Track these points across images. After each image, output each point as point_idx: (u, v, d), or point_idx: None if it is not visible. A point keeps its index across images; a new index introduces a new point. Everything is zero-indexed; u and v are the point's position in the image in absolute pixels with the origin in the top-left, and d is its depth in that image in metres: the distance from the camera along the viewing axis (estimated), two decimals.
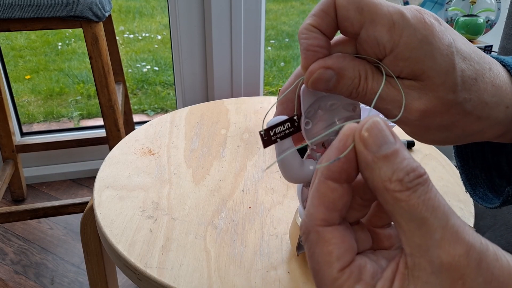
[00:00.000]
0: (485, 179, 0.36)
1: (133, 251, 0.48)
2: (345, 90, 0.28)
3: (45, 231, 1.28)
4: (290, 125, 0.31)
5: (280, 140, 0.31)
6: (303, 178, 0.33)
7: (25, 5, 0.87)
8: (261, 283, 0.44)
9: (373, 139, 0.21)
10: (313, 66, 0.26)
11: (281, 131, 0.31)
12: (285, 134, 0.31)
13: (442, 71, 0.26)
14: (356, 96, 0.28)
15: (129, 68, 2.66)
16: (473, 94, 0.27)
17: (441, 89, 0.26)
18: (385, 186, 0.20)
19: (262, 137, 0.31)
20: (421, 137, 0.30)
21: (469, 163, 0.36)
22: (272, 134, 0.31)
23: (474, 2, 1.27)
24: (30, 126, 2.01)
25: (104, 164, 0.64)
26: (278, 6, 3.76)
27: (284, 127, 0.31)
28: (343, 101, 0.31)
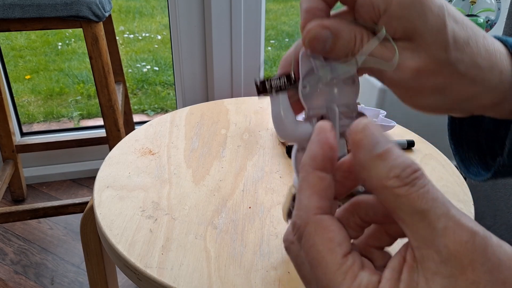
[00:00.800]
0: (478, 160, 0.36)
1: (133, 251, 0.48)
2: (341, 53, 0.29)
3: (45, 231, 1.28)
4: (286, 81, 0.32)
5: (275, 93, 0.32)
6: (296, 135, 0.33)
7: (25, 5, 0.87)
8: (261, 283, 0.44)
9: (365, 140, 0.22)
10: (311, 24, 0.28)
11: (276, 84, 0.32)
12: (280, 88, 0.32)
13: (433, 29, 0.27)
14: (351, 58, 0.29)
15: (129, 68, 2.66)
16: (465, 56, 0.28)
17: (433, 47, 0.27)
18: (383, 184, 0.21)
19: (257, 86, 0.32)
20: (415, 102, 0.30)
21: (463, 146, 0.36)
22: (268, 86, 0.32)
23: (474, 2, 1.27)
24: (30, 126, 2.01)
25: (104, 164, 0.64)
26: (278, 6, 3.76)
27: (280, 81, 0.32)
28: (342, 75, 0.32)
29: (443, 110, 0.30)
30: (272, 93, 0.32)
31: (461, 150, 0.36)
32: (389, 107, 1.30)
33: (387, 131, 0.74)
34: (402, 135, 0.74)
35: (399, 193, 0.21)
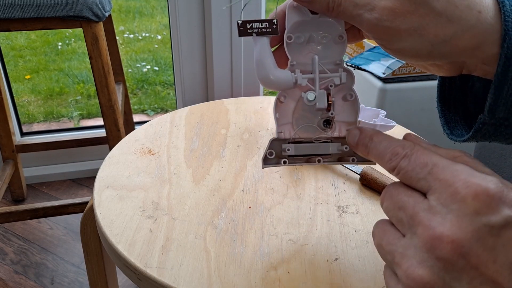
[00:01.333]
0: (464, 124, 0.36)
1: (133, 251, 0.48)
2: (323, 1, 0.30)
3: (45, 231, 1.28)
4: (268, 26, 0.33)
5: (256, 36, 0.33)
6: (274, 79, 0.34)
7: (25, 5, 0.87)
8: (261, 283, 0.44)
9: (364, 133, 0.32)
10: None
11: (258, 27, 0.33)
12: (262, 31, 0.33)
13: None
14: (333, 6, 0.30)
15: (129, 68, 2.66)
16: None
17: None
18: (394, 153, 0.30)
19: (238, 26, 0.33)
20: (393, 45, 0.30)
21: (450, 109, 0.36)
22: (249, 27, 0.33)
23: None
24: (30, 126, 2.01)
25: (104, 164, 0.64)
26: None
27: (262, 25, 0.33)
28: (333, 33, 0.33)
29: (423, 56, 0.30)
30: (253, 35, 0.33)
31: (448, 112, 0.36)
32: (389, 107, 1.30)
33: (387, 131, 0.74)
34: (402, 135, 0.74)
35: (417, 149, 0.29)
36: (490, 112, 0.30)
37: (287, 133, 0.37)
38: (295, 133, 0.36)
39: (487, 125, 0.31)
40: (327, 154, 0.37)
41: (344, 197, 0.58)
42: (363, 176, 0.59)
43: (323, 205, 0.56)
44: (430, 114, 1.35)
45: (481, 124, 0.31)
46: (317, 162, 0.37)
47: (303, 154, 0.37)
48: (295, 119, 0.36)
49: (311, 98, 0.33)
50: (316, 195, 0.58)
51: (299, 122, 0.36)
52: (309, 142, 0.37)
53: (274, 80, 0.34)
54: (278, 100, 0.36)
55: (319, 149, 0.37)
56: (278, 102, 0.36)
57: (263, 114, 0.81)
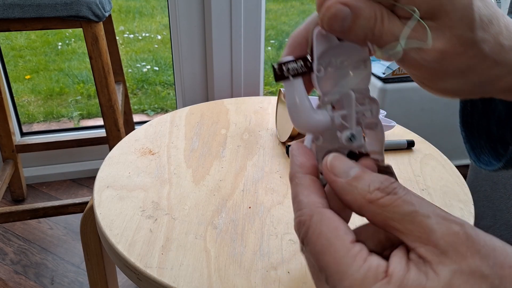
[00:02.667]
0: (489, 148, 0.35)
1: (133, 251, 0.48)
2: (360, 32, 0.27)
3: (45, 231, 1.28)
4: (303, 65, 0.29)
5: (292, 78, 0.29)
6: (312, 124, 0.30)
7: (25, 5, 0.87)
8: (261, 283, 0.44)
9: (339, 168, 0.24)
10: (330, 1, 0.26)
11: (294, 68, 0.29)
12: (298, 72, 0.29)
13: (459, 6, 0.26)
14: (372, 38, 0.27)
15: (129, 68, 2.66)
16: (489, 35, 0.27)
17: (459, 26, 0.26)
18: (368, 199, 0.23)
19: (274, 70, 0.29)
20: (436, 84, 0.29)
21: (474, 134, 0.36)
22: (285, 70, 0.29)
23: None
24: (30, 126, 2.01)
25: (104, 164, 0.64)
26: (278, 6, 3.76)
27: (297, 65, 0.29)
28: (354, 58, 0.30)
29: (464, 94, 0.29)
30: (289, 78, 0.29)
31: (472, 138, 0.36)
32: (389, 107, 1.30)
33: (387, 131, 0.74)
34: (402, 135, 0.74)
35: (384, 203, 0.22)
36: None
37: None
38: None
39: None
40: None
41: None
42: None
43: None
44: (430, 114, 1.35)
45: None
46: None
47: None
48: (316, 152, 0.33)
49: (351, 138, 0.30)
50: None
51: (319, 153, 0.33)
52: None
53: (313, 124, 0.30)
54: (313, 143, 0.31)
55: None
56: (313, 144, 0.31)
57: (263, 114, 0.81)
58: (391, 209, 0.22)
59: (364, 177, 0.23)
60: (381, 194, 0.22)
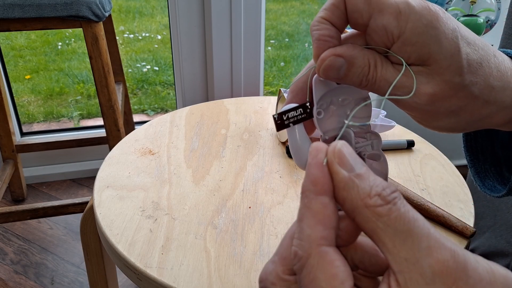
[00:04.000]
0: (494, 172, 0.36)
1: (133, 251, 0.48)
2: (355, 79, 0.29)
3: (45, 231, 1.28)
4: (303, 111, 0.32)
5: (293, 125, 0.32)
6: None
7: (25, 5, 0.87)
8: None
9: (345, 159, 0.22)
10: (325, 54, 0.28)
11: (293, 116, 0.32)
12: (298, 119, 0.32)
13: (448, 54, 0.27)
14: (366, 84, 0.29)
15: (129, 68, 2.66)
16: (479, 78, 0.28)
17: (448, 72, 0.27)
18: (365, 202, 0.21)
19: (275, 120, 0.32)
20: (430, 123, 0.30)
21: (478, 158, 0.37)
22: (285, 118, 0.32)
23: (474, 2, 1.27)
24: (30, 126, 2.01)
25: (104, 164, 0.64)
26: (278, 6, 3.76)
27: (297, 112, 0.32)
28: (354, 96, 0.32)
29: (459, 130, 0.31)
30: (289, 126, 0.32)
31: (477, 161, 0.37)
32: (389, 107, 1.30)
33: (387, 131, 0.74)
34: (402, 135, 0.74)
35: (380, 213, 0.20)
36: None
37: None
38: None
39: None
40: None
41: None
42: None
43: None
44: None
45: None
46: None
47: None
48: None
49: None
50: None
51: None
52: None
53: None
54: None
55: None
56: None
57: (263, 114, 0.81)
58: (386, 221, 0.20)
59: (368, 177, 0.21)
60: (380, 202, 0.21)
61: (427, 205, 0.54)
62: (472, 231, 0.52)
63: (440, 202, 0.58)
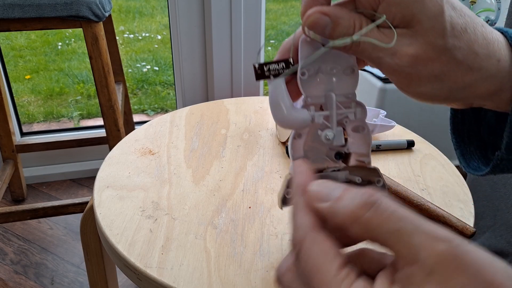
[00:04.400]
0: (480, 155, 0.36)
1: (133, 251, 0.48)
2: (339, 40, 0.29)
3: (45, 231, 1.28)
4: (285, 66, 0.32)
5: (273, 78, 0.32)
6: (291, 120, 0.33)
7: (25, 5, 0.87)
8: (261, 283, 0.44)
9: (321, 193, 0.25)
10: (311, 11, 0.28)
11: (274, 69, 0.32)
12: (279, 73, 0.32)
13: (431, 15, 0.27)
14: (351, 46, 0.29)
15: (129, 68, 2.66)
16: (462, 43, 0.28)
17: (430, 33, 0.27)
18: (353, 216, 0.22)
19: (255, 69, 0.32)
20: (412, 89, 0.30)
21: (464, 140, 0.37)
22: (266, 69, 0.32)
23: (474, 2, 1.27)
24: (30, 126, 2.01)
25: (104, 164, 0.64)
26: (278, 6, 3.76)
27: (279, 66, 0.32)
28: (342, 65, 0.32)
29: (440, 99, 0.30)
30: (270, 78, 0.32)
31: (463, 144, 0.36)
32: (389, 107, 1.30)
33: (387, 131, 0.74)
34: (402, 135, 0.74)
35: (367, 221, 0.22)
36: (507, 149, 0.31)
37: None
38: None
39: (505, 161, 0.31)
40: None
41: None
42: None
43: None
44: (429, 114, 1.35)
45: (499, 160, 0.32)
46: None
47: None
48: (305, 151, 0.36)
49: (331, 137, 0.33)
50: None
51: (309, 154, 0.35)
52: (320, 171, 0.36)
53: (292, 121, 0.33)
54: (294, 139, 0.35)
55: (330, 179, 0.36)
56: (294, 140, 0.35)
57: (263, 114, 0.81)
58: (376, 226, 0.22)
59: (345, 196, 0.23)
60: (362, 211, 0.22)
61: (427, 205, 0.54)
62: (472, 231, 0.52)
63: (440, 202, 0.58)
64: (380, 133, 0.74)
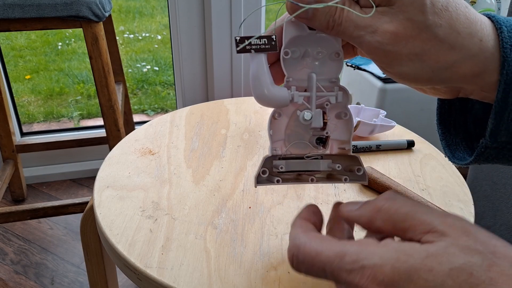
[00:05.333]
0: (465, 146, 0.36)
1: (133, 251, 0.48)
2: (323, 19, 0.30)
3: (45, 231, 1.28)
4: (267, 42, 0.33)
5: (254, 52, 0.32)
6: (270, 97, 0.33)
7: (25, 5, 0.87)
8: (261, 283, 0.44)
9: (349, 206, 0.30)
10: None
11: (256, 43, 0.33)
12: (260, 48, 0.33)
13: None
14: (333, 26, 0.30)
15: (129, 68, 2.66)
16: (443, 20, 0.28)
17: (410, 9, 0.28)
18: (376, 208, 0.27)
19: (236, 42, 0.33)
20: (394, 69, 0.30)
21: (450, 131, 0.36)
22: (247, 43, 0.32)
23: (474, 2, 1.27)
24: (30, 126, 2.01)
25: (104, 164, 0.64)
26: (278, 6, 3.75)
27: (261, 41, 0.33)
28: (328, 49, 0.33)
29: (423, 80, 0.30)
30: (251, 52, 0.32)
31: (449, 135, 0.36)
32: (389, 107, 1.30)
33: (387, 131, 0.74)
34: (402, 135, 0.74)
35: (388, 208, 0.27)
36: (491, 137, 0.30)
37: (279, 149, 0.36)
38: (287, 150, 0.36)
39: (489, 149, 0.31)
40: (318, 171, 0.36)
41: (344, 197, 0.58)
42: None
43: (323, 205, 0.56)
44: (429, 114, 1.35)
45: (483, 148, 0.31)
46: (310, 181, 0.36)
47: (294, 170, 0.36)
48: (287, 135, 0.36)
49: (308, 118, 0.33)
50: (316, 195, 0.58)
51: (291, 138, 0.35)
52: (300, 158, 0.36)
53: (271, 98, 0.33)
54: (272, 117, 0.35)
55: (310, 165, 0.36)
56: (273, 119, 0.35)
57: (263, 114, 0.81)
58: (395, 211, 0.26)
59: (369, 201, 0.28)
60: (383, 203, 0.27)
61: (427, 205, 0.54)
62: None
63: (440, 202, 0.58)
64: (380, 133, 0.74)
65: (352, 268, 0.24)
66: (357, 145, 0.68)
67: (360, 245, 0.25)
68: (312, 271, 0.27)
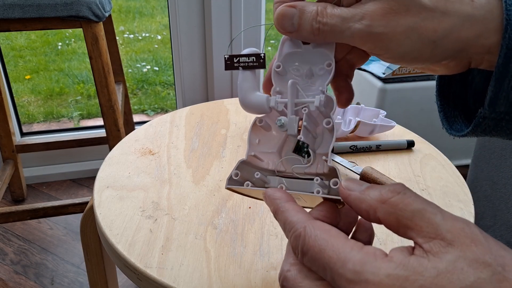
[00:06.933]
0: (464, 119, 0.35)
1: (133, 251, 0.48)
2: (308, 25, 0.30)
3: (45, 231, 1.28)
4: (255, 60, 0.35)
5: (242, 69, 0.35)
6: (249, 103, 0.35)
7: (25, 5, 0.87)
8: (261, 283, 0.44)
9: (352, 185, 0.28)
10: (280, 7, 0.31)
11: (244, 61, 0.35)
12: (248, 65, 0.35)
13: None
14: (318, 27, 0.30)
15: (129, 68, 2.66)
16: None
17: None
18: (381, 199, 0.26)
19: (225, 60, 0.35)
20: (393, 51, 0.29)
21: (449, 104, 0.35)
22: (236, 61, 0.34)
23: None
24: (30, 126, 2.01)
25: (104, 164, 0.64)
26: None
27: (249, 59, 0.35)
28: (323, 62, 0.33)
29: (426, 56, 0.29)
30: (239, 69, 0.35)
31: (447, 107, 0.35)
32: (389, 107, 1.30)
33: (387, 131, 0.74)
34: (402, 135, 0.74)
35: (395, 202, 0.25)
36: (490, 106, 0.29)
37: (271, 163, 0.35)
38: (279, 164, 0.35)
39: (488, 119, 0.30)
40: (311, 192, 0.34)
41: None
42: (363, 176, 0.59)
43: None
44: (430, 114, 1.35)
45: (481, 118, 0.30)
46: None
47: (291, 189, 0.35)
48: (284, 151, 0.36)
49: (279, 124, 0.33)
50: None
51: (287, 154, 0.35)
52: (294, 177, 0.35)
53: (249, 103, 0.35)
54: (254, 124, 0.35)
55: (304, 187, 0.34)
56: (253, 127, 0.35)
57: None
58: (402, 207, 0.25)
59: (375, 187, 0.27)
60: (392, 194, 0.25)
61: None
62: None
63: (440, 202, 0.58)
64: (380, 133, 0.74)
65: (353, 279, 0.23)
66: (357, 145, 0.68)
67: (366, 255, 0.24)
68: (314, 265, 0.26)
